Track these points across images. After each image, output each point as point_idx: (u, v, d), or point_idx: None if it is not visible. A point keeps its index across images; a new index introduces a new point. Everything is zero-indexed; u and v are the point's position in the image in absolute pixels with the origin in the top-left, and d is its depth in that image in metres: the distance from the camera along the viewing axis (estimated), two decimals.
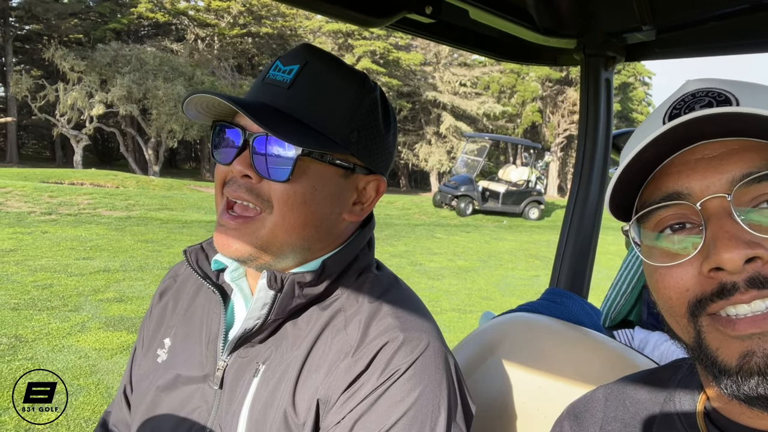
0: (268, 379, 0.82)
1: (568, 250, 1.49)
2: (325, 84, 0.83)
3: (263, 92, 0.82)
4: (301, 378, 0.80)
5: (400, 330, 0.80)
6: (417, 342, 0.79)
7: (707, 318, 0.58)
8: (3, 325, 4.91)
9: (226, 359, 0.87)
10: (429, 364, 0.79)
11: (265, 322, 0.83)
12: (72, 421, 3.44)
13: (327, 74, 0.83)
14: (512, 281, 9.16)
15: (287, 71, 0.82)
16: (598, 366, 1.11)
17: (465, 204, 17.36)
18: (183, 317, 0.98)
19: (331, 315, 0.84)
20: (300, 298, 0.83)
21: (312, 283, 0.83)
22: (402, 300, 0.87)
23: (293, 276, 0.82)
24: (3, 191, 11.69)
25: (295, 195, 0.80)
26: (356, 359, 0.78)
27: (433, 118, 31.74)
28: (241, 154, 0.80)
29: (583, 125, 1.52)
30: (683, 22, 1.30)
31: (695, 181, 0.59)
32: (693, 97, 0.62)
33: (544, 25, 1.34)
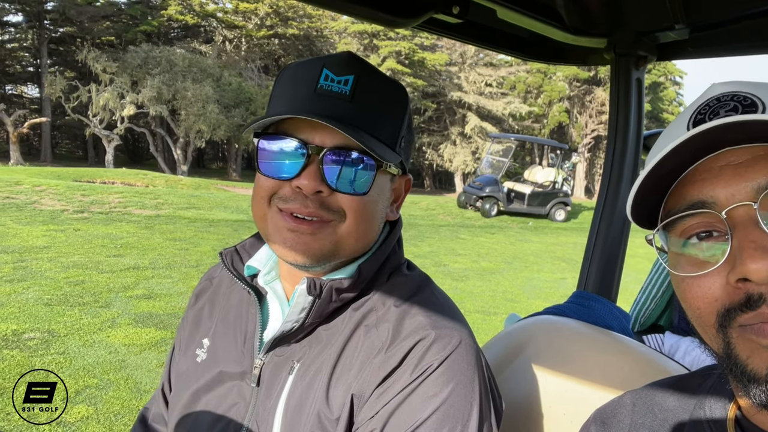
0: (302, 376, 0.84)
1: (597, 252, 1.47)
2: (381, 95, 0.84)
3: (322, 104, 0.80)
4: (335, 375, 0.82)
5: (432, 327, 0.81)
6: (449, 339, 0.80)
7: (737, 330, 0.56)
8: (37, 320, 5.05)
9: (263, 358, 0.89)
10: (461, 360, 0.79)
11: (303, 325, 0.85)
12: (102, 415, 3.52)
13: (379, 85, 0.85)
14: (538, 283, 9.06)
15: (342, 82, 0.81)
16: (627, 371, 1.09)
17: (490, 205, 17.23)
18: (220, 317, 1.00)
19: (363, 314, 0.86)
20: (336, 303, 0.85)
21: (349, 288, 0.85)
22: (433, 299, 0.88)
23: (332, 282, 0.83)
24: (37, 190, 12.03)
25: (367, 205, 0.84)
26: (389, 355, 0.79)
27: (458, 118, 31.58)
28: (307, 169, 0.79)
29: (613, 126, 1.49)
30: (717, 21, 1.26)
31: (720, 189, 0.57)
32: (718, 101, 0.60)
33: (573, 25, 1.33)
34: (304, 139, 0.79)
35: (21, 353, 4.30)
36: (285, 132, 0.81)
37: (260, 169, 0.82)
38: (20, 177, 13.32)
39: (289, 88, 0.84)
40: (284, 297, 0.93)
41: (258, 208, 0.85)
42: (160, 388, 1.08)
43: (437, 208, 17.49)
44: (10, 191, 11.63)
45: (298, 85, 0.83)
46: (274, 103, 0.86)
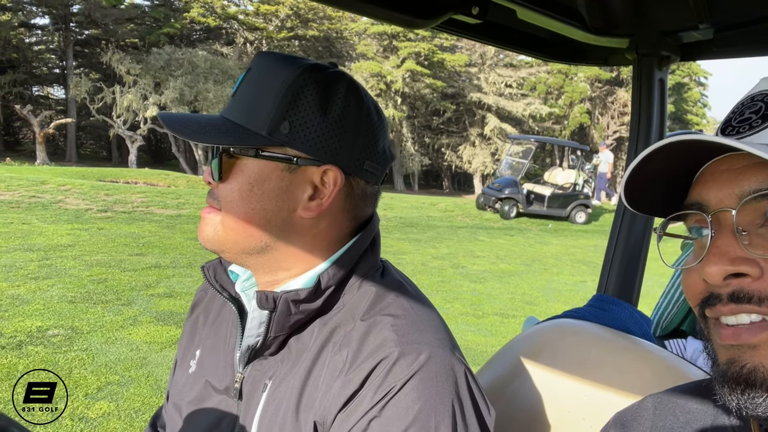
0: (272, 396, 0.81)
1: (618, 255, 1.45)
2: (256, 81, 0.82)
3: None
4: (303, 398, 0.78)
5: (396, 344, 0.74)
6: (416, 355, 0.73)
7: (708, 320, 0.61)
8: (60, 317, 5.15)
9: (242, 371, 0.86)
10: (429, 378, 0.72)
11: (267, 338, 0.82)
12: (123, 411, 3.57)
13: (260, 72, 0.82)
14: (557, 286, 8.96)
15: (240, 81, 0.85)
16: (648, 376, 1.07)
17: (509, 207, 17.10)
18: (211, 328, 0.99)
19: (330, 331, 0.81)
20: (299, 314, 0.81)
21: (308, 299, 0.80)
22: (405, 309, 0.81)
23: (286, 294, 0.80)
24: (62, 189, 12.27)
25: (232, 193, 0.82)
26: (349, 378, 0.74)
27: (477, 119, 31.42)
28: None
29: (635, 127, 1.47)
30: (742, 21, 1.24)
31: (712, 193, 0.60)
32: (751, 100, 0.61)
33: (594, 24, 1.31)
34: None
35: (45, 349, 4.38)
36: None
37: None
38: (46, 176, 13.61)
39: None
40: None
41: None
42: (166, 395, 1.08)
43: (456, 210, 17.42)
44: (36, 190, 11.89)
45: None
46: None
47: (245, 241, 0.83)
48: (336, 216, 0.85)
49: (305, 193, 0.82)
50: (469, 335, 5.95)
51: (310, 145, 0.80)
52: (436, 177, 35.48)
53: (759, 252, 0.56)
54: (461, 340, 5.70)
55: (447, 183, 34.34)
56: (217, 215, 0.84)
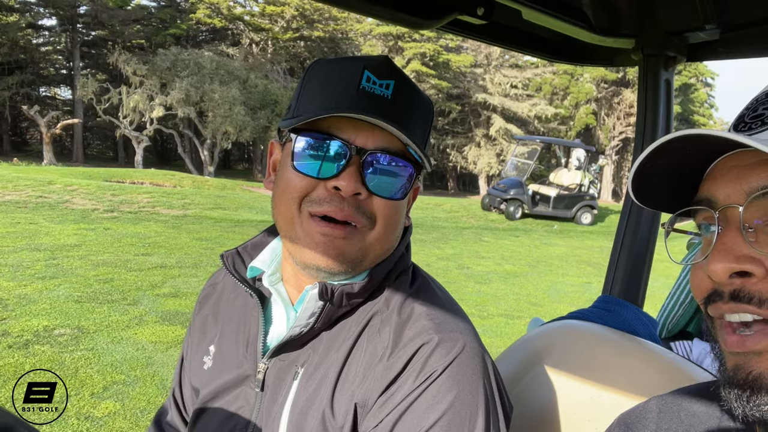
0: (306, 382, 0.83)
1: (623, 256, 1.44)
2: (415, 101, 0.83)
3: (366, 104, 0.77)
4: (339, 382, 0.80)
5: (435, 332, 0.78)
6: (453, 343, 0.78)
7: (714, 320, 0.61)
8: (67, 316, 5.17)
9: (266, 362, 0.87)
10: (466, 365, 0.77)
11: (311, 330, 0.84)
12: (129, 411, 3.58)
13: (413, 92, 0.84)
14: (562, 287, 8.94)
15: (384, 85, 0.79)
16: (653, 378, 1.07)
17: (514, 208, 17.08)
18: (225, 323, 0.99)
19: (367, 319, 0.84)
20: (346, 307, 0.84)
21: (360, 293, 0.83)
22: (436, 302, 0.86)
23: (343, 287, 0.82)
24: (69, 189, 12.34)
25: (398, 211, 0.83)
26: (392, 362, 0.78)
27: (482, 120, 31.39)
28: (347, 170, 0.77)
29: (641, 128, 1.47)
30: (748, 21, 1.23)
31: (721, 189, 0.60)
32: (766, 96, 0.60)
33: (600, 25, 1.31)
34: (347, 138, 0.78)
35: (51, 348, 4.41)
36: (325, 131, 0.78)
37: (295, 167, 0.79)
38: (53, 177, 13.68)
39: (326, 86, 0.81)
40: (288, 300, 0.92)
41: (285, 209, 0.81)
42: (170, 394, 1.08)
43: (461, 211, 17.41)
44: (43, 191, 11.96)
45: (338, 84, 0.80)
46: (307, 101, 0.82)
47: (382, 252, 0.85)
48: None
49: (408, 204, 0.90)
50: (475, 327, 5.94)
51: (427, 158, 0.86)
52: (441, 178, 35.47)
53: (765, 250, 0.55)
54: None
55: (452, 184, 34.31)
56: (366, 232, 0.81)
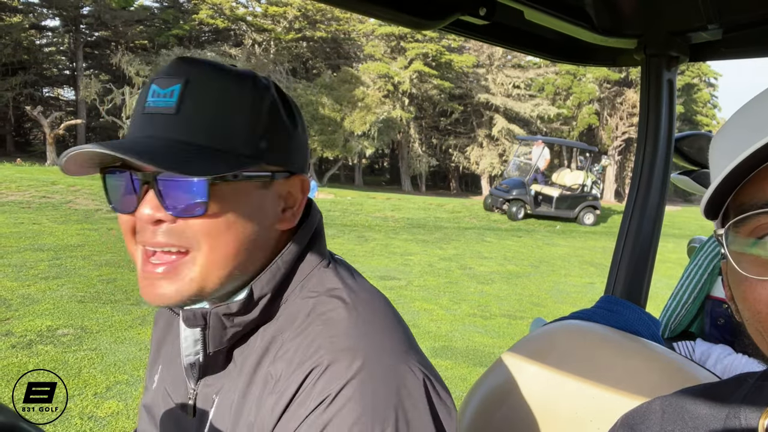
0: (219, 412, 0.78)
1: (626, 256, 1.44)
2: (217, 96, 0.73)
3: (146, 125, 0.71)
4: (242, 413, 0.74)
5: (327, 351, 0.70)
6: (348, 362, 0.68)
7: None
8: (70, 316, 5.19)
9: (195, 387, 0.83)
10: (365, 386, 0.67)
11: (208, 356, 0.78)
12: (132, 410, 3.59)
13: (215, 85, 0.73)
14: (565, 288, 8.93)
15: (168, 94, 0.71)
16: (656, 378, 1.07)
17: (516, 208, 17.06)
18: (172, 342, 0.93)
19: (269, 342, 0.76)
20: (236, 327, 0.76)
21: (241, 312, 0.75)
22: (345, 311, 0.75)
23: (216, 309, 0.75)
24: (72, 189, 12.38)
25: (218, 224, 0.72)
26: (281, 392, 0.70)
27: (485, 120, 31.37)
28: (144, 199, 0.71)
29: (643, 128, 1.47)
30: (751, 21, 1.23)
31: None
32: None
33: (602, 25, 1.31)
34: (138, 167, 0.71)
35: (55, 348, 4.42)
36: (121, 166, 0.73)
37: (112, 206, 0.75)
38: (56, 177, 13.72)
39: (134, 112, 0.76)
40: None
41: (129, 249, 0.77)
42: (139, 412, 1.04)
43: (463, 211, 17.40)
44: (47, 191, 12.00)
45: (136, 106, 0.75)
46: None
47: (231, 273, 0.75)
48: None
49: (278, 206, 0.78)
50: (477, 337, 5.94)
51: (284, 158, 0.78)
52: (443, 178, 35.46)
53: None
54: (468, 342, 5.70)
55: (454, 184, 34.30)
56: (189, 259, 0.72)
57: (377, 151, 29.98)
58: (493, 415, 1.21)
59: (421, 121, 30.33)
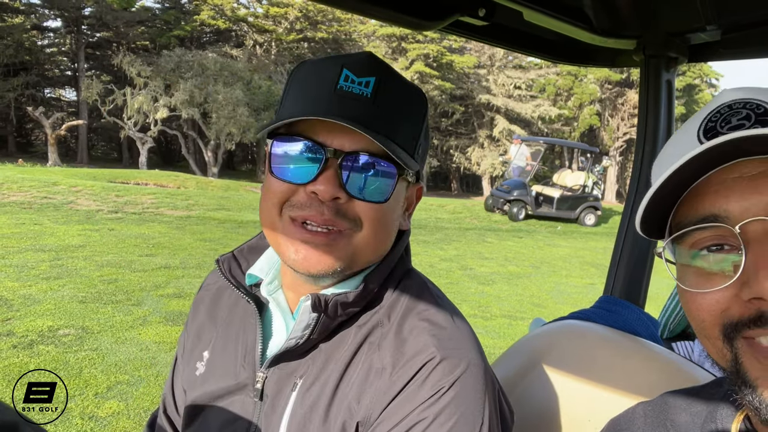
0: (304, 394, 0.81)
1: (624, 257, 1.45)
2: (401, 99, 0.80)
3: (342, 105, 0.75)
4: (337, 396, 0.79)
5: (438, 348, 0.77)
6: (457, 361, 0.76)
7: (743, 341, 0.56)
8: (71, 316, 5.19)
9: (265, 372, 0.85)
10: (469, 383, 0.76)
11: (308, 341, 0.82)
12: (132, 410, 3.60)
13: (400, 88, 0.80)
14: (566, 288, 8.92)
15: (363, 83, 0.76)
16: (654, 378, 1.07)
17: (517, 209, 17.05)
18: (221, 328, 0.96)
19: (368, 331, 0.82)
20: (342, 317, 0.82)
21: (355, 302, 0.81)
22: (438, 314, 0.83)
23: (337, 297, 0.80)
24: (74, 190, 12.39)
25: (386, 213, 0.80)
26: (394, 379, 0.76)
27: (486, 121, 31.37)
28: (324, 174, 0.74)
29: (642, 128, 1.47)
30: (749, 22, 1.23)
31: (734, 203, 0.55)
32: (729, 108, 0.59)
33: (601, 26, 1.31)
34: (322, 141, 0.75)
35: (56, 349, 4.43)
36: (301, 134, 0.76)
37: (273, 172, 0.78)
38: (58, 178, 13.74)
39: (305, 87, 0.79)
40: (287, 308, 0.90)
41: (267, 215, 0.81)
42: (162, 399, 1.06)
43: (464, 212, 17.40)
44: (48, 191, 12.01)
45: (316, 84, 0.78)
46: (289, 103, 0.80)
47: (376, 257, 0.84)
48: None
49: (404, 207, 0.87)
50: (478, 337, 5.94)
51: (420, 166, 0.85)
52: (444, 179, 35.46)
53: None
54: None
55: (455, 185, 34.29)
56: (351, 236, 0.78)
57: None
58: None
59: None
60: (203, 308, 1.02)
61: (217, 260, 0.93)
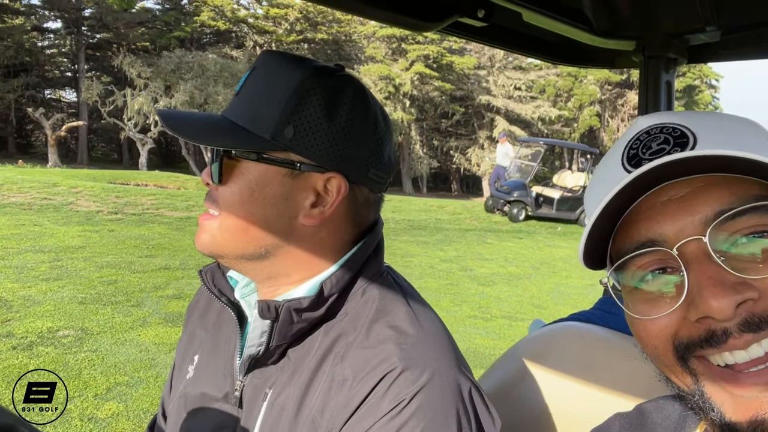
0: (272, 405, 0.80)
1: None
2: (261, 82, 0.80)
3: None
4: (303, 408, 0.77)
5: (400, 358, 0.73)
6: (420, 372, 0.73)
7: (696, 362, 0.56)
8: (71, 318, 5.19)
9: (242, 379, 0.84)
10: (435, 393, 0.72)
11: (269, 348, 0.80)
12: (132, 412, 3.60)
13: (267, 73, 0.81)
14: (566, 289, 8.92)
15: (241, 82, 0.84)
16: (654, 380, 1.07)
17: (518, 209, 17.05)
18: (211, 333, 0.96)
19: (332, 341, 0.80)
20: (301, 323, 0.79)
21: (311, 308, 0.79)
22: (410, 322, 0.79)
23: (288, 303, 0.78)
24: (74, 191, 12.39)
25: (233, 196, 0.80)
26: (355, 391, 0.73)
27: (486, 122, 31.39)
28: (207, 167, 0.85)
29: None
30: (749, 23, 1.23)
31: (667, 226, 0.56)
32: (648, 135, 0.60)
33: (600, 27, 1.31)
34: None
35: (55, 350, 4.42)
36: None
37: None
38: (57, 179, 13.74)
39: None
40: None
41: None
42: (161, 402, 1.06)
43: (464, 212, 17.39)
44: (48, 192, 12.01)
45: None
46: None
47: (244, 246, 0.81)
48: (338, 224, 0.83)
49: (307, 200, 0.80)
50: (477, 338, 5.94)
51: (314, 151, 0.78)
52: (444, 180, 35.46)
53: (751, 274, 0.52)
54: (469, 343, 5.70)
55: (455, 186, 34.30)
56: (215, 220, 0.82)
57: None
58: None
59: (423, 122, 30.34)
60: (196, 313, 1.03)
61: (200, 271, 0.94)
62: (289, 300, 0.79)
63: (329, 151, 0.78)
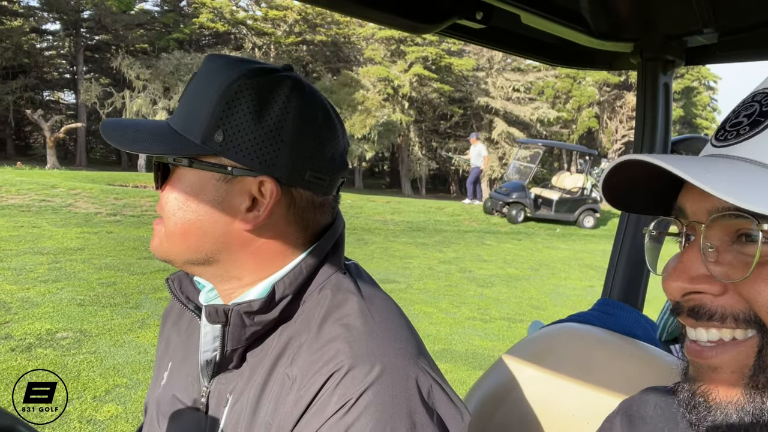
0: (232, 410, 0.79)
1: (622, 259, 1.45)
2: (196, 87, 0.80)
3: None
4: (258, 413, 0.75)
5: (347, 356, 0.71)
6: (368, 367, 0.70)
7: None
8: (70, 319, 5.18)
9: (208, 385, 0.84)
10: (385, 391, 0.69)
11: (224, 352, 0.79)
12: (131, 414, 3.59)
13: (202, 77, 0.80)
14: (565, 291, 8.92)
15: None
16: (653, 380, 1.07)
17: (516, 211, 17.06)
18: (183, 338, 0.96)
19: (285, 343, 0.78)
20: (255, 326, 0.78)
21: (262, 310, 0.77)
22: (362, 317, 0.76)
23: (238, 306, 0.77)
24: (72, 193, 12.38)
25: (170, 202, 0.81)
26: (302, 393, 0.71)
27: (484, 123, 31.40)
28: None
29: (640, 131, 1.47)
30: (747, 25, 1.24)
31: (689, 203, 0.60)
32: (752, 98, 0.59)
33: (599, 29, 1.31)
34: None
35: (54, 352, 4.42)
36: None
37: None
38: (56, 180, 13.73)
39: None
40: None
41: None
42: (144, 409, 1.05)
43: (463, 214, 17.40)
44: (47, 194, 11.99)
45: None
46: None
47: (186, 252, 0.81)
48: (280, 227, 0.81)
49: (243, 204, 0.78)
50: (476, 340, 5.94)
51: (243, 154, 0.76)
52: (443, 181, 35.48)
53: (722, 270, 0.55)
54: (468, 345, 5.70)
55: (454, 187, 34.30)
56: (162, 226, 0.83)
57: (377, 155, 29.98)
58: (490, 418, 1.21)
59: (421, 124, 30.35)
60: (170, 319, 1.03)
61: (167, 279, 0.93)
62: (239, 303, 0.78)
63: (258, 154, 0.76)
